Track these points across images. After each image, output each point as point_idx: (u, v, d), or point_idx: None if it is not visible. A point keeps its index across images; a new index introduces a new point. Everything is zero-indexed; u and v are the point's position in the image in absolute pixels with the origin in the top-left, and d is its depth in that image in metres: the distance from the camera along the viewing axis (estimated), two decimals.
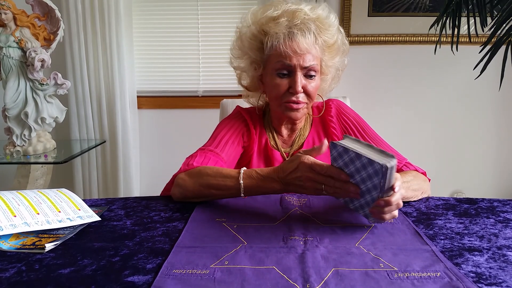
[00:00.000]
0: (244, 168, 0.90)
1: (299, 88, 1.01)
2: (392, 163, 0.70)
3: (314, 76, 1.04)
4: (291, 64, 1.00)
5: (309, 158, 0.79)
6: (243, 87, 1.18)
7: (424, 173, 1.03)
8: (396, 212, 0.76)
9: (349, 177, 0.76)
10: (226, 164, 1.05)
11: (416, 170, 1.03)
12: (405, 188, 0.87)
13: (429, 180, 1.03)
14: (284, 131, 1.15)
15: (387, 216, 0.75)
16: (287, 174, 0.82)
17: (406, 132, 2.32)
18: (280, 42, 1.00)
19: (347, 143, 0.76)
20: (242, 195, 0.88)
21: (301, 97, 1.03)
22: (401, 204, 0.76)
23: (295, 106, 1.04)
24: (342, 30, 1.10)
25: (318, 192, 0.80)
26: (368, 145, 0.75)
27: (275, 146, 1.13)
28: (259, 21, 1.05)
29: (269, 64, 1.05)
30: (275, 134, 1.15)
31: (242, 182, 0.87)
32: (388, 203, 0.73)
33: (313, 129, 1.16)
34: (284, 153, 1.13)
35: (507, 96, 2.30)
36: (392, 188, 0.73)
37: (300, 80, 1.01)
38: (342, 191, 0.77)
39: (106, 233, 0.77)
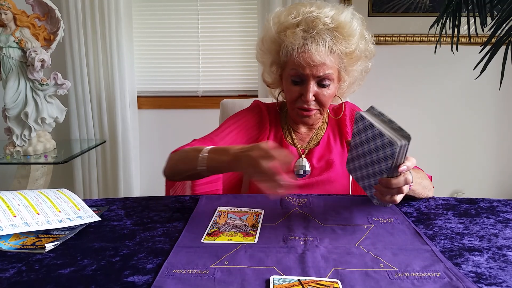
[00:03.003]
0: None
1: (309, 97, 1.03)
2: (403, 142, 0.69)
3: (328, 84, 1.04)
4: (304, 73, 1.02)
5: (268, 143, 0.76)
6: (265, 83, 1.20)
7: (430, 178, 1.04)
8: (397, 197, 0.75)
9: (280, 171, 0.72)
10: None
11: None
12: (417, 183, 0.86)
13: (433, 187, 1.03)
14: (302, 128, 1.17)
15: (386, 198, 0.75)
16: (248, 149, 0.78)
17: None
18: (294, 53, 1.01)
19: (369, 114, 0.74)
20: (199, 168, 0.86)
21: (312, 104, 1.05)
22: (405, 190, 0.74)
23: (305, 113, 1.07)
24: (367, 35, 1.08)
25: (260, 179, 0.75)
26: (390, 120, 0.73)
27: (291, 142, 1.15)
28: (280, 26, 1.06)
29: (285, 69, 1.07)
30: (292, 131, 1.16)
31: (203, 155, 0.86)
32: (388, 184, 0.73)
33: (329, 128, 1.18)
34: (300, 149, 1.14)
35: (507, 96, 2.30)
36: (398, 168, 0.72)
37: (312, 89, 1.03)
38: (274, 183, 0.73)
39: (106, 233, 0.77)
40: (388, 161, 0.71)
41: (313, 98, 1.04)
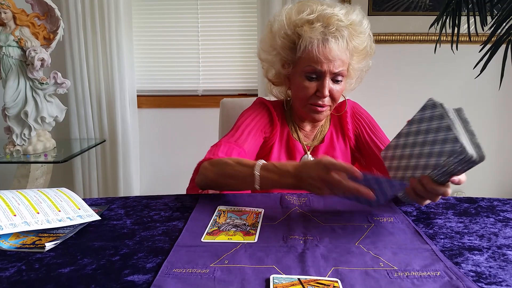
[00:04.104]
0: (263, 160, 0.88)
1: (326, 93, 1.04)
2: (475, 157, 0.64)
3: (341, 80, 1.06)
4: (322, 70, 1.02)
5: (328, 158, 0.77)
6: (269, 80, 1.20)
7: None
8: (425, 202, 0.74)
9: (362, 177, 0.73)
10: (248, 156, 1.06)
11: None
12: None
13: None
14: (307, 126, 1.18)
15: (416, 197, 0.74)
16: (305, 169, 0.80)
17: None
18: (314, 47, 1.01)
19: (454, 115, 0.70)
20: (257, 186, 0.86)
21: (326, 100, 1.06)
22: (437, 200, 0.73)
23: (319, 109, 1.07)
24: (371, 34, 1.11)
25: (328, 193, 0.79)
26: (472, 132, 0.69)
27: (297, 139, 1.16)
28: (294, 22, 1.05)
29: (299, 65, 1.06)
30: (297, 128, 1.17)
31: (257, 173, 0.85)
32: (427, 185, 0.70)
33: (331, 125, 1.20)
34: (305, 146, 1.16)
35: (507, 95, 2.30)
36: (450, 177, 0.69)
37: (328, 84, 1.04)
38: (352, 194, 0.76)
39: (106, 232, 0.77)
40: (445, 167, 0.67)
41: (328, 94, 1.05)
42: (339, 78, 1.05)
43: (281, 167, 0.84)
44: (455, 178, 0.70)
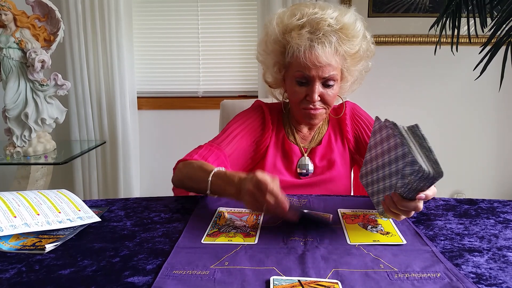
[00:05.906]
0: (223, 168, 0.92)
1: (315, 98, 1.04)
2: (433, 174, 0.66)
3: (333, 85, 1.05)
4: (310, 75, 1.02)
5: (264, 175, 0.75)
6: (266, 83, 1.20)
7: None
8: (400, 217, 0.74)
9: (287, 209, 0.75)
10: (229, 159, 1.07)
11: None
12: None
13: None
14: (304, 128, 1.18)
15: (390, 213, 0.74)
16: (244, 181, 0.79)
17: None
18: (301, 54, 1.01)
19: (409, 133, 0.71)
20: (208, 192, 0.89)
21: (318, 104, 1.06)
22: (411, 214, 0.73)
23: (312, 112, 1.07)
24: (368, 35, 1.09)
25: (257, 209, 0.78)
26: (430, 149, 0.69)
27: (293, 141, 1.15)
28: (284, 27, 1.05)
29: (290, 70, 1.07)
30: (294, 130, 1.17)
31: (210, 179, 0.88)
32: (398, 203, 0.71)
33: (330, 127, 1.19)
34: (302, 148, 1.15)
35: (507, 97, 2.30)
36: (417, 193, 0.70)
37: (318, 89, 1.03)
38: (279, 215, 0.77)
39: (106, 233, 0.77)
40: (409, 185, 0.69)
41: (319, 99, 1.05)
42: (331, 82, 1.04)
43: (229, 176, 0.86)
44: (422, 194, 0.71)
